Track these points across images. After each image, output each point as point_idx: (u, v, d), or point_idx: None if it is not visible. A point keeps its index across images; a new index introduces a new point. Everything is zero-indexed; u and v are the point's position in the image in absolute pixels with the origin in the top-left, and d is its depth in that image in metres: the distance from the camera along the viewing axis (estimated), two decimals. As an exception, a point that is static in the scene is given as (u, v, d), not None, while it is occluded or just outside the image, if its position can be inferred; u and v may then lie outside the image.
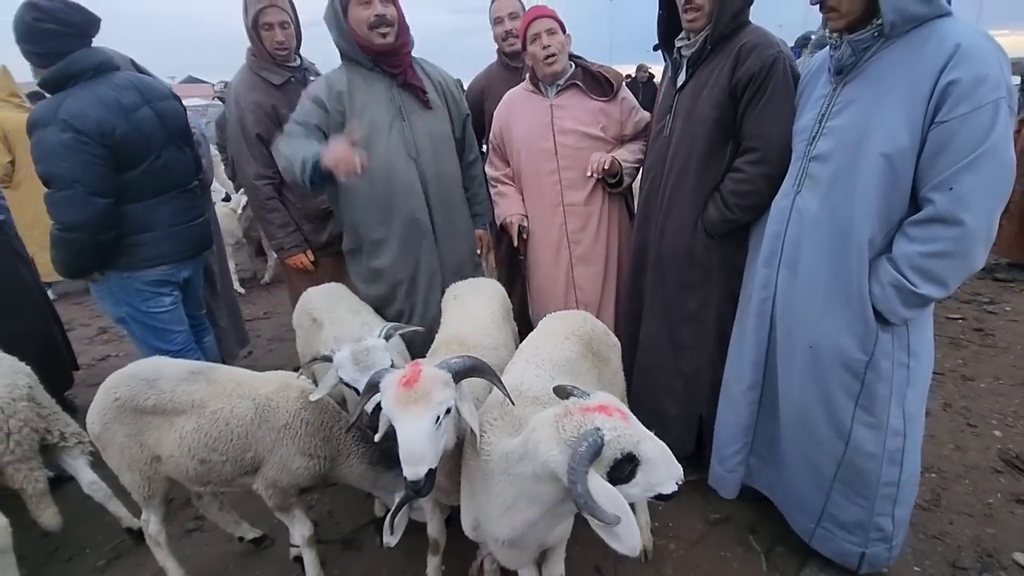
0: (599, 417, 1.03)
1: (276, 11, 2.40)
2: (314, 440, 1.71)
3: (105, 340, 4.45)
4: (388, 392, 1.21)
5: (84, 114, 2.02)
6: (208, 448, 1.66)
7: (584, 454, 0.98)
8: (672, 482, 1.05)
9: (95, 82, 2.11)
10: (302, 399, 1.72)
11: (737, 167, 1.86)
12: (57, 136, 1.99)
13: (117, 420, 1.68)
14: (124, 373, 1.73)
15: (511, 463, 1.18)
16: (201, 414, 1.66)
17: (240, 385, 1.72)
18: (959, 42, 1.30)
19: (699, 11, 1.83)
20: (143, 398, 1.67)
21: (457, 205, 2.38)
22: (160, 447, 1.69)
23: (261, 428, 1.67)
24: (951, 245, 1.36)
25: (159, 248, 2.33)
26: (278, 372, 1.85)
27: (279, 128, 2.37)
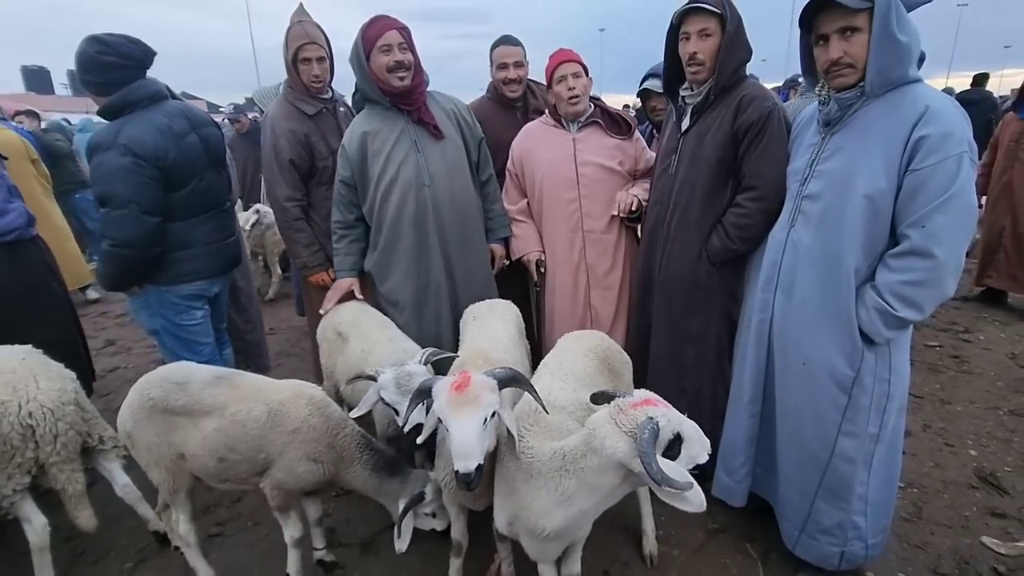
0: (649, 408, 1.25)
1: (314, 47, 2.60)
2: (319, 446, 1.83)
3: (112, 352, 4.51)
4: (441, 395, 1.36)
5: (142, 140, 2.19)
6: (227, 448, 1.79)
7: (649, 439, 1.18)
8: (705, 452, 1.29)
9: (150, 110, 2.29)
10: (311, 406, 1.84)
11: (738, 203, 2.07)
12: (117, 160, 2.16)
13: (148, 419, 1.82)
14: (157, 376, 1.88)
15: (571, 460, 1.36)
16: (222, 416, 1.79)
17: (259, 391, 1.86)
18: (928, 104, 1.54)
19: (701, 66, 2.07)
20: (174, 399, 1.80)
21: (473, 226, 2.58)
22: (185, 445, 1.82)
23: (273, 431, 1.80)
24: (925, 275, 1.57)
25: (197, 264, 2.48)
26: (293, 381, 1.98)
27: (310, 154, 2.63)
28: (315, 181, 2.73)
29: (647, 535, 2.18)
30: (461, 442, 1.29)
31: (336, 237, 2.54)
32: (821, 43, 1.67)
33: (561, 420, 1.56)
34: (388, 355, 2.09)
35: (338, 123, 2.76)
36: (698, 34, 2.03)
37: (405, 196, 2.39)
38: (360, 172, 2.41)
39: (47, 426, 1.89)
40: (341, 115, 2.80)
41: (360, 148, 2.38)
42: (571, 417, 1.61)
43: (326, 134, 2.70)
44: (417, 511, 1.86)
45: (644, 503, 2.17)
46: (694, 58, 2.05)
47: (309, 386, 1.94)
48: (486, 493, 1.68)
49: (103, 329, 5.01)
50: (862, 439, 1.80)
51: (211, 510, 2.55)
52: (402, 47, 2.31)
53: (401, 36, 2.31)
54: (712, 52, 2.03)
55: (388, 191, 2.39)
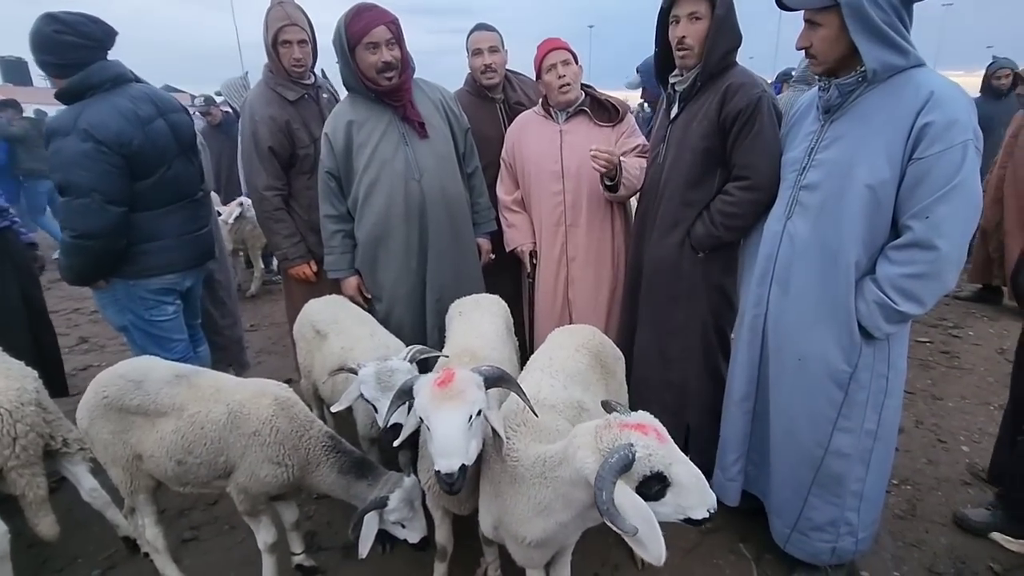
0: (634, 434, 1.09)
1: (295, 30, 2.48)
2: (283, 448, 1.73)
3: (85, 350, 4.36)
4: (423, 392, 1.27)
5: (104, 125, 2.06)
6: (184, 450, 1.71)
7: (613, 465, 1.04)
8: (703, 508, 1.09)
9: (112, 93, 2.15)
10: (275, 406, 1.74)
11: (728, 190, 2.00)
12: (77, 146, 2.02)
13: (103, 418, 1.75)
14: (114, 372, 1.79)
15: (550, 467, 1.25)
16: (180, 416, 1.71)
17: (219, 391, 1.77)
18: (933, 90, 1.47)
19: (690, 51, 2.00)
20: (129, 398, 1.72)
21: (463, 221, 2.50)
22: (141, 446, 1.75)
23: (232, 433, 1.71)
24: (927, 267, 1.51)
25: (167, 256, 2.36)
26: (258, 379, 1.89)
27: (291, 142, 2.52)
28: (296, 170, 2.63)
29: (637, 537, 2.11)
30: (443, 439, 1.21)
31: (328, 233, 2.42)
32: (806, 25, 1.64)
33: (550, 420, 1.48)
34: (369, 352, 2.00)
35: (321, 110, 2.64)
36: (688, 17, 1.96)
37: (394, 191, 2.30)
38: (345, 164, 2.31)
39: (4, 428, 1.78)
40: (324, 101, 2.68)
41: (346, 138, 2.27)
42: (561, 416, 1.53)
43: (308, 121, 2.59)
44: (384, 518, 1.74)
45: (635, 504, 2.10)
46: (682, 42, 1.99)
47: (274, 384, 1.85)
48: (471, 498, 1.61)
49: (76, 326, 4.84)
50: (858, 435, 1.75)
51: (185, 513, 2.45)
52: (390, 44, 2.18)
53: (389, 31, 2.17)
54: (701, 37, 1.97)
55: (373, 185, 2.29)
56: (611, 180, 2.37)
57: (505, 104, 2.90)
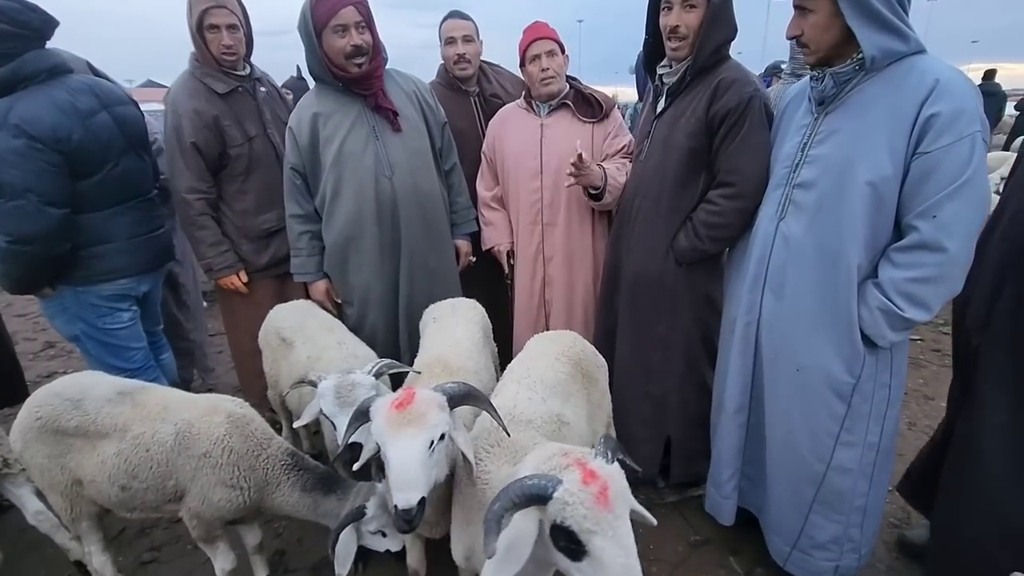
0: (575, 475, 0.92)
1: (224, 12, 2.21)
2: (237, 470, 1.61)
3: (52, 356, 4.17)
4: (379, 415, 1.16)
5: (38, 119, 1.89)
6: (128, 475, 1.58)
7: (523, 485, 0.92)
8: None
9: (48, 85, 1.98)
10: (227, 425, 1.62)
11: (711, 199, 1.88)
12: (8, 142, 1.85)
13: (38, 440, 1.61)
14: (49, 391, 1.64)
15: None
16: (123, 438, 1.58)
17: (166, 408, 1.63)
18: (938, 77, 1.36)
19: (683, 40, 1.87)
20: (66, 419, 1.58)
21: (438, 220, 2.36)
22: (81, 471, 1.61)
23: (181, 455, 1.58)
24: (935, 271, 1.40)
25: (118, 260, 2.20)
26: (209, 395, 1.76)
27: (220, 140, 2.30)
28: (228, 172, 2.38)
29: (624, 553, 2.01)
30: (401, 470, 1.09)
31: (294, 234, 2.25)
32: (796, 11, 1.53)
33: (526, 438, 1.36)
34: (337, 361, 1.87)
35: (258, 105, 2.41)
36: (682, 5, 1.83)
37: (364, 188, 2.14)
38: (310, 159, 2.15)
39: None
40: (263, 96, 2.44)
41: (311, 132, 2.11)
42: (539, 432, 1.41)
43: (241, 117, 2.34)
44: (361, 529, 1.62)
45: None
46: (675, 31, 1.86)
47: (228, 400, 1.72)
48: (442, 520, 1.49)
49: (44, 330, 4.62)
50: (860, 448, 1.64)
51: (147, 532, 2.30)
52: (360, 26, 2.02)
53: (359, 13, 2.00)
54: (695, 26, 1.83)
55: (341, 183, 2.14)
56: (595, 189, 2.25)
57: (480, 97, 2.75)
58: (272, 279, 2.54)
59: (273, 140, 2.43)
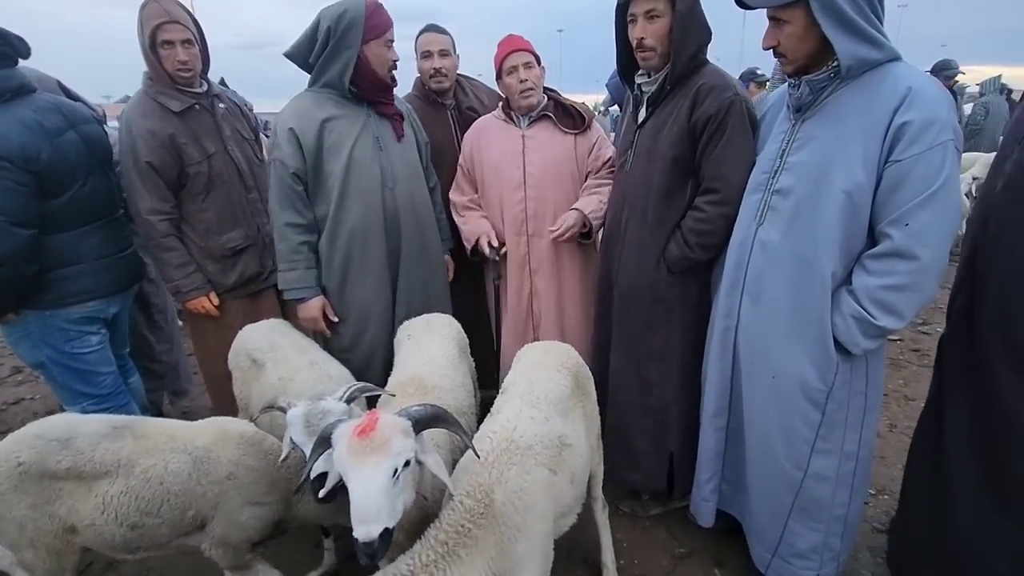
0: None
1: (177, 28, 2.14)
2: (261, 487, 1.57)
3: (19, 381, 4.03)
4: (341, 443, 1.11)
5: (5, 138, 1.85)
6: (141, 512, 1.47)
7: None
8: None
9: (13, 104, 1.93)
10: (243, 445, 1.57)
11: (698, 206, 1.87)
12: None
13: (17, 490, 1.44)
14: (26, 434, 1.49)
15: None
16: (130, 474, 1.47)
17: (173, 438, 1.55)
18: (911, 85, 1.36)
19: (652, 51, 1.87)
20: (54, 461, 1.44)
21: (431, 234, 2.37)
22: (76, 516, 1.48)
23: (201, 483, 1.51)
24: (908, 278, 1.40)
25: (86, 282, 2.13)
26: (213, 419, 1.70)
27: (178, 159, 2.23)
28: (187, 191, 2.30)
29: (607, 569, 1.98)
30: (362, 502, 1.04)
31: (290, 245, 2.13)
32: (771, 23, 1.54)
33: (517, 473, 1.29)
34: (310, 383, 1.81)
35: (217, 121, 2.33)
36: (645, 16, 1.82)
37: (371, 199, 2.13)
38: (314, 166, 2.09)
39: None
40: (221, 112, 2.36)
41: (317, 137, 2.06)
42: (538, 460, 1.35)
43: (199, 135, 2.27)
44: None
45: (603, 533, 1.97)
46: (642, 44, 1.86)
47: (232, 422, 1.67)
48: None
49: (10, 355, 4.47)
50: (838, 457, 1.64)
51: (114, 566, 2.21)
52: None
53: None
54: (661, 35, 1.83)
55: (349, 192, 2.10)
56: (585, 229, 2.28)
57: (456, 110, 2.73)
58: (241, 299, 2.46)
59: (233, 156, 2.36)
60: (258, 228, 2.45)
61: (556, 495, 1.40)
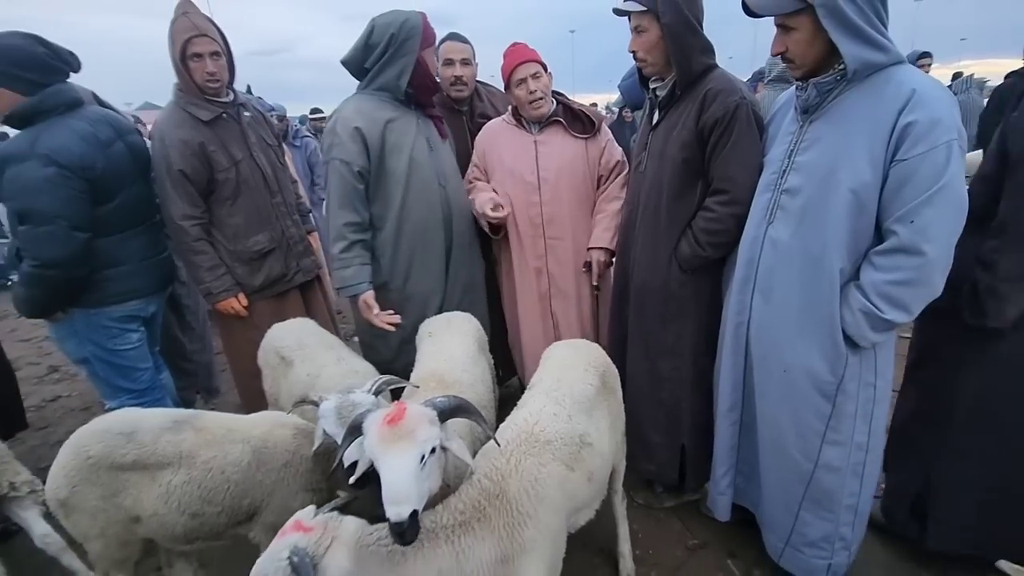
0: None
1: (206, 41, 2.24)
2: (314, 475, 1.66)
3: (56, 380, 4.21)
4: (371, 431, 1.18)
5: (67, 149, 1.99)
6: (202, 500, 1.56)
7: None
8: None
9: (68, 117, 2.07)
10: (299, 436, 1.67)
11: (708, 206, 1.93)
12: (38, 171, 1.94)
13: (89, 482, 1.52)
14: (93, 428, 1.57)
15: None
16: (192, 465, 1.55)
17: (231, 431, 1.64)
18: (914, 87, 1.41)
19: (643, 62, 1.98)
20: (121, 454, 1.52)
21: (472, 231, 2.50)
22: (140, 506, 1.55)
23: (259, 472, 1.60)
24: (914, 274, 1.45)
25: (130, 283, 2.26)
26: (265, 413, 1.80)
27: (207, 166, 2.33)
28: (216, 197, 2.40)
29: (624, 557, 2.04)
30: (393, 484, 1.11)
31: (346, 244, 2.20)
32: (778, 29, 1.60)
33: (532, 464, 1.36)
34: (337, 378, 1.90)
35: (243, 130, 2.44)
36: (634, 30, 1.93)
37: (431, 197, 2.28)
38: (378, 166, 2.20)
39: (-58, 475, 1.67)
40: (247, 120, 2.47)
41: (382, 137, 2.17)
42: (555, 456, 1.42)
43: (227, 143, 2.37)
44: None
45: (621, 524, 2.03)
46: (635, 55, 1.98)
47: (282, 415, 1.77)
48: None
49: (48, 354, 4.68)
50: (848, 448, 1.68)
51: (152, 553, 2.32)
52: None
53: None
54: (651, 47, 1.93)
55: (412, 191, 2.24)
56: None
57: (471, 115, 2.82)
58: (267, 299, 2.55)
59: (259, 162, 2.46)
60: (282, 231, 2.55)
61: (571, 491, 1.46)
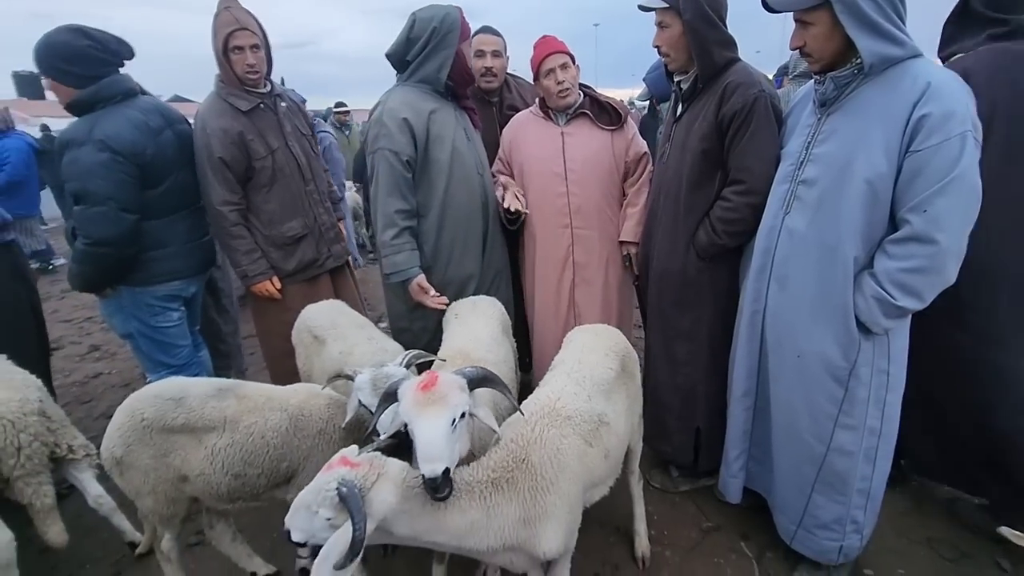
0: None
1: (247, 34, 2.35)
2: (347, 443, 1.71)
3: (97, 358, 4.42)
4: (406, 396, 1.27)
5: (120, 135, 2.13)
6: (244, 462, 1.67)
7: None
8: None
9: (124, 105, 2.22)
10: (332, 406, 1.77)
11: (725, 196, 1.99)
12: (94, 156, 2.09)
13: (142, 442, 1.64)
14: (146, 393, 1.69)
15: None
16: (235, 429, 1.67)
17: (270, 399, 1.75)
18: (930, 80, 1.45)
19: (666, 56, 2.03)
20: (171, 417, 1.64)
21: (499, 216, 2.58)
22: (187, 466, 1.67)
23: (296, 437, 1.71)
24: (926, 261, 1.49)
25: (173, 264, 2.40)
26: (300, 384, 1.90)
27: (246, 154, 2.44)
28: (253, 184, 2.51)
29: (639, 535, 2.11)
30: (427, 444, 1.20)
31: (396, 230, 2.26)
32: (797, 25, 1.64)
33: (555, 435, 1.44)
34: (368, 356, 2.00)
35: (279, 119, 2.53)
36: (658, 26, 2.00)
37: (472, 185, 2.38)
38: (423, 154, 2.29)
39: (7, 439, 1.81)
40: (283, 110, 2.57)
41: (427, 127, 2.26)
42: (576, 431, 1.49)
43: (264, 132, 2.47)
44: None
45: (637, 503, 2.10)
46: (658, 50, 2.04)
47: (317, 387, 1.86)
48: None
49: (88, 335, 4.91)
50: (860, 432, 1.73)
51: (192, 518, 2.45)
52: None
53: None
54: (673, 42, 1.99)
55: (453, 178, 2.33)
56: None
57: (500, 106, 2.89)
58: (299, 283, 2.66)
59: (294, 151, 2.57)
60: (315, 218, 2.66)
61: (589, 465, 1.53)
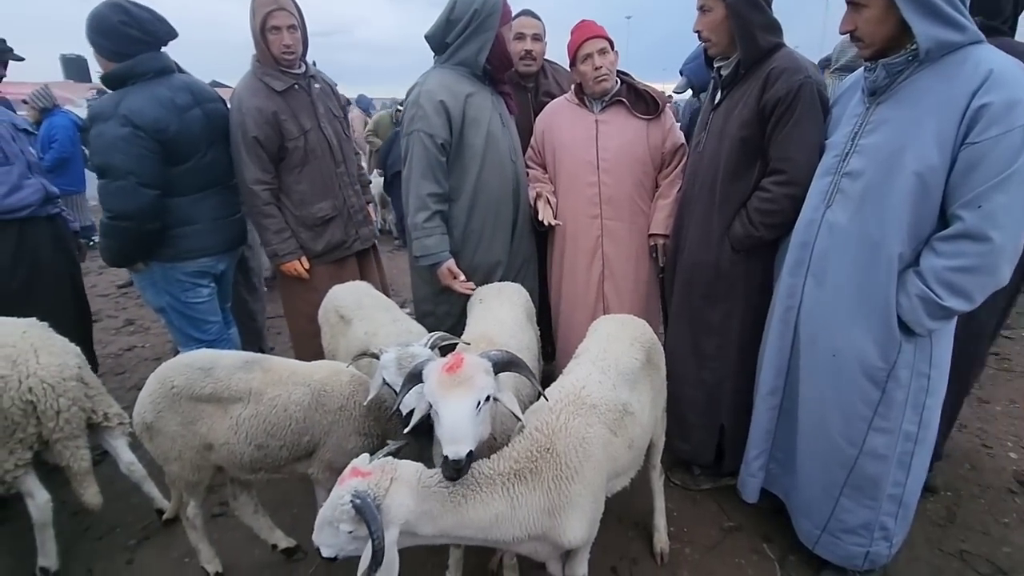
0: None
1: (284, 15, 2.36)
2: (367, 420, 1.77)
3: (131, 332, 4.54)
4: (432, 377, 1.26)
5: (142, 111, 2.15)
6: (266, 434, 1.70)
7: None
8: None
9: (154, 82, 2.25)
10: (354, 383, 1.78)
11: (764, 187, 1.91)
12: (117, 130, 2.12)
13: (171, 409, 1.70)
14: (177, 363, 1.75)
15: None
16: (259, 401, 1.70)
17: (295, 373, 1.78)
18: (992, 68, 1.36)
19: (707, 41, 1.97)
20: (200, 386, 1.69)
21: (528, 208, 2.56)
22: (213, 435, 1.72)
23: (318, 412, 1.73)
24: (978, 260, 1.41)
25: (202, 240, 2.43)
26: (324, 361, 1.92)
27: (279, 134, 2.44)
28: (285, 164, 2.51)
29: (658, 531, 2.08)
30: (451, 426, 1.19)
31: (428, 214, 2.25)
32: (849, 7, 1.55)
33: (580, 424, 1.41)
34: (392, 337, 2.00)
35: (312, 101, 2.54)
36: (700, 10, 1.94)
37: (505, 170, 2.36)
38: (459, 138, 2.27)
39: (48, 402, 1.86)
40: (316, 92, 2.57)
41: (463, 110, 2.23)
42: (601, 419, 1.47)
43: (297, 112, 2.47)
44: None
45: (657, 498, 2.07)
46: (699, 34, 1.98)
47: (341, 365, 1.88)
48: None
49: (124, 309, 5.06)
50: (895, 436, 1.66)
51: (216, 490, 2.51)
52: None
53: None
54: (715, 26, 1.93)
55: (488, 163, 2.31)
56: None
57: (535, 94, 2.85)
58: (327, 264, 2.67)
59: (326, 133, 2.57)
60: (344, 200, 2.66)
61: (613, 454, 1.51)
